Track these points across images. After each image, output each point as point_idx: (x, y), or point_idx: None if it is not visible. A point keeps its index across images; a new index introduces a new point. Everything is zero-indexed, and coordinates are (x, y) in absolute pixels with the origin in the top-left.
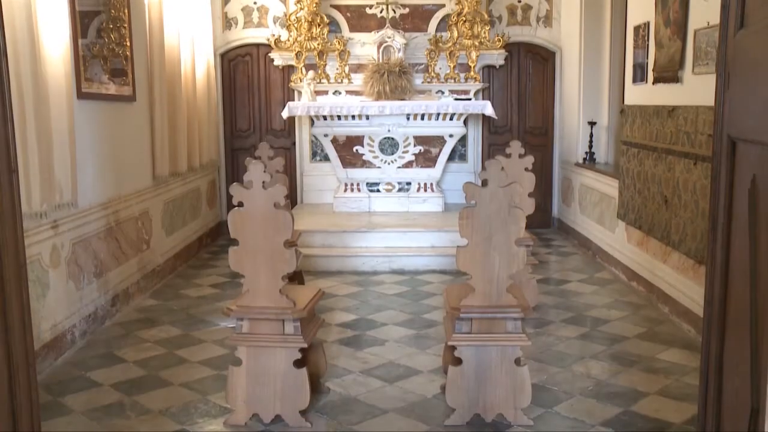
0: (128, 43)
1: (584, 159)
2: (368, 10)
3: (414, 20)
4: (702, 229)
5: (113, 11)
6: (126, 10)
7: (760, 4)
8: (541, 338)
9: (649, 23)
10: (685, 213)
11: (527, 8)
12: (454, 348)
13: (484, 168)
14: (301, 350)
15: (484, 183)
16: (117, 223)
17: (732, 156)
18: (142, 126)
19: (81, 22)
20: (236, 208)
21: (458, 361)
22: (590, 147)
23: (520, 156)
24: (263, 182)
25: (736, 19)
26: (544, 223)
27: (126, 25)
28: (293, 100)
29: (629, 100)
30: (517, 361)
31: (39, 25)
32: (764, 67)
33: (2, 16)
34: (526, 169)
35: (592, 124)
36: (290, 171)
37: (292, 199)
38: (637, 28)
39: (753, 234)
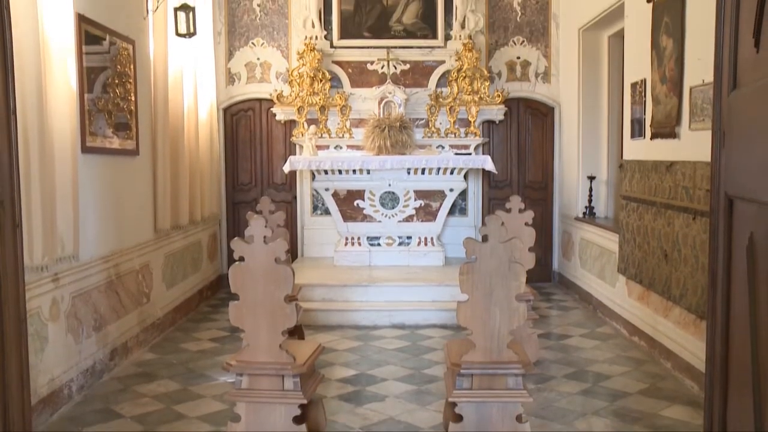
0: (133, 98)
1: (584, 213)
2: (369, 67)
3: (414, 76)
4: (703, 284)
5: (119, 67)
6: (132, 66)
7: (752, 65)
8: (543, 394)
9: (645, 80)
10: (686, 268)
11: (526, 65)
12: (454, 404)
13: (484, 223)
14: (301, 406)
15: (485, 238)
16: (117, 276)
17: (729, 213)
18: (145, 179)
19: (87, 77)
20: (237, 262)
21: (459, 418)
22: (590, 201)
23: (520, 211)
24: (264, 237)
25: (729, 80)
26: (545, 277)
27: (131, 80)
28: (295, 154)
29: (628, 155)
30: (519, 418)
31: (47, 81)
32: (758, 127)
33: (14, 76)
34: (526, 224)
35: (591, 178)
36: (291, 224)
37: (293, 252)
38: (634, 85)
39: (752, 292)
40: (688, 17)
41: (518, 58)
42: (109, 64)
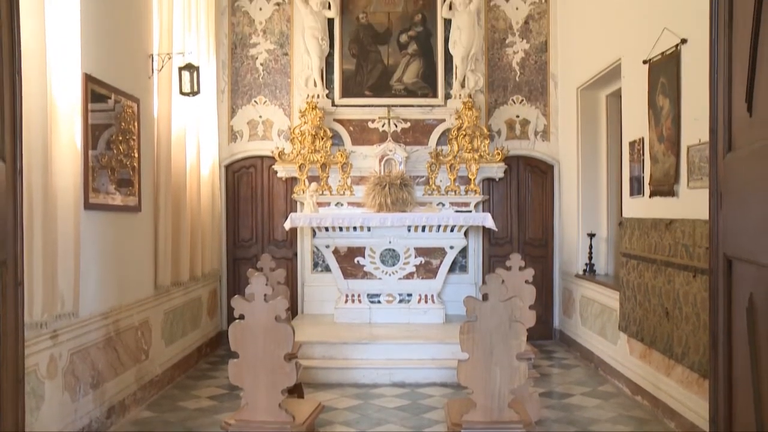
0: (136, 155)
1: (584, 270)
2: (370, 125)
3: (415, 134)
4: (705, 343)
5: (123, 124)
6: (136, 123)
7: (745, 128)
8: None
9: (643, 139)
10: (687, 326)
11: (525, 123)
12: None
13: (484, 281)
14: None
15: (485, 297)
16: (117, 332)
17: (729, 274)
18: (146, 236)
19: (92, 134)
20: (237, 320)
21: None
22: (590, 258)
23: (521, 268)
24: (265, 295)
25: (724, 142)
26: (546, 335)
27: (135, 137)
28: (296, 211)
29: (627, 212)
30: None
31: (53, 139)
32: (754, 190)
33: (22, 137)
34: (527, 282)
35: (591, 235)
36: (292, 281)
37: (293, 309)
38: (632, 143)
39: (753, 353)
40: (683, 78)
41: (518, 116)
42: (113, 121)
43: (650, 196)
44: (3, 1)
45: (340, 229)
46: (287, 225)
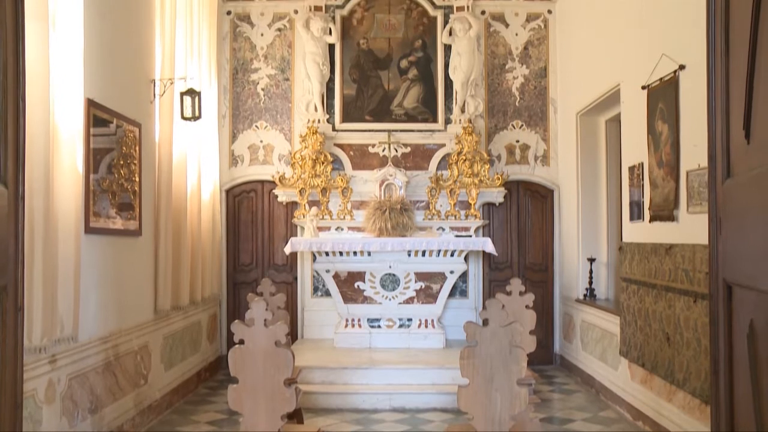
0: (137, 179)
1: (585, 295)
2: (371, 149)
3: (415, 159)
4: (706, 368)
5: (125, 148)
6: (137, 148)
7: (743, 155)
8: None
9: (643, 164)
10: (688, 351)
11: (525, 148)
12: None
13: (485, 306)
14: None
15: (485, 322)
16: (116, 357)
17: (729, 299)
18: (146, 260)
19: (93, 158)
20: (237, 345)
21: None
22: (590, 283)
23: (521, 293)
24: (265, 320)
25: (723, 169)
26: (546, 360)
27: (136, 162)
28: (296, 235)
29: (627, 237)
30: None
31: (55, 164)
32: (753, 216)
33: (24, 164)
34: (527, 307)
35: (591, 260)
36: (292, 306)
37: (293, 333)
38: (631, 168)
39: (754, 379)
40: (681, 104)
41: (517, 141)
42: (115, 145)
43: (650, 221)
44: (9, 29)
45: (341, 253)
46: (287, 249)
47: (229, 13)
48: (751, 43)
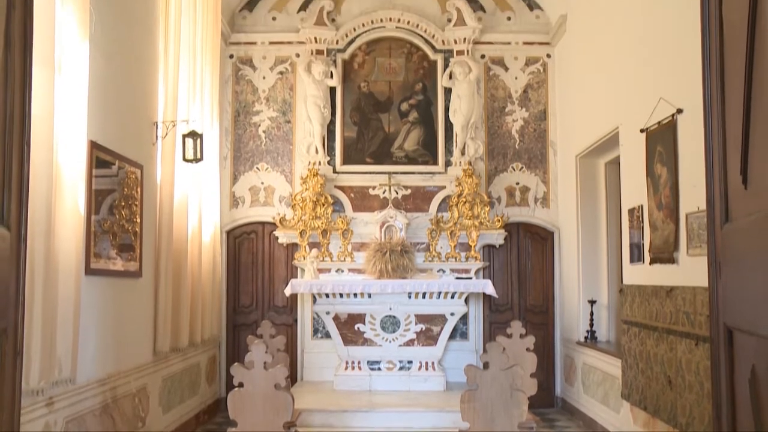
0: (138, 220)
1: (586, 337)
2: (371, 191)
3: (416, 201)
4: (710, 412)
5: (126, 190)
6: (139, 189)
7: (741, 200)
8: None
9: (642, 206)
10: (691, 394)
11: (525, 190)
12: None
13: (485, 350)
14: None
15: (486, 365)
16: (114, 399)
17: (730, 344)
18: (146, 301)
19: (95, 199)
20: (237, 388)
21: None
22: (591, 325)
23: (521, 336)
24: (265, 363)
25: (721, 213)
26: (548, 403)
27: (137, 203)
28: (296, 277)
29: (627, 279)
30: None
31: (57, 205)
32: (752, 261)
33: (27, 206)
34: (528, 350)
35: (592, 302)
36: (292, 347)
37: (293, 376)
38: (631, 211)
39: (758, 426)
40: (680, 147)
41: (517, 183)
42: (116, 187)
43: (650, 263)
44: (18, 77)
45: (341, 295)
46: (288, 291)
47: (231, 56)
48: (746, 90)
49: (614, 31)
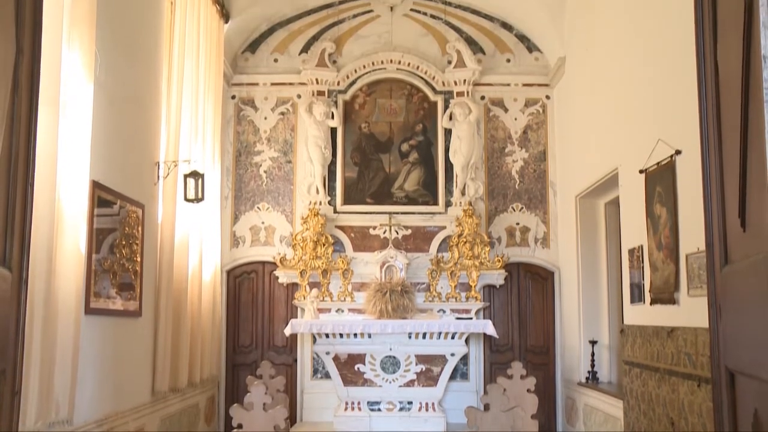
0: (139, 259)
1: (587, 378)
2: (372, 231)
3: (416, 241)
4: None
5: (127, 229)
6: (140, 228)
7: (740, 243)
8: None
9: (642, 246)
10: None
11: (525, 230)
12: None
13: (486, 391)
14: None
15: (486, 407)
16: None
17: (732, 386)
18: (146, 341)
19: (96, 238)
20: (235, 429)
21: None
22: (592, 366)
23: (522, 377)
24: (264, 404)
25: (721, 255)
26: None
27: (138, 242)
28: (296, 317)
29: (628, 319)
30: None
31: (58, 245)
32: (751, 304)
33: (30, 247)
34: (529, 391)
35: (593, 342)
36: (291, 388)
37: (292, 416)
38: (631, 251)
39: None
40: (679, 188)
41: (517, 223)
42: (117, 226)
43: (651, 304)
44: (23, 120)
45: (341, 335)
46: (287, 331)
47: (233, 97)
48: (742, 134)
49: (612, 73)
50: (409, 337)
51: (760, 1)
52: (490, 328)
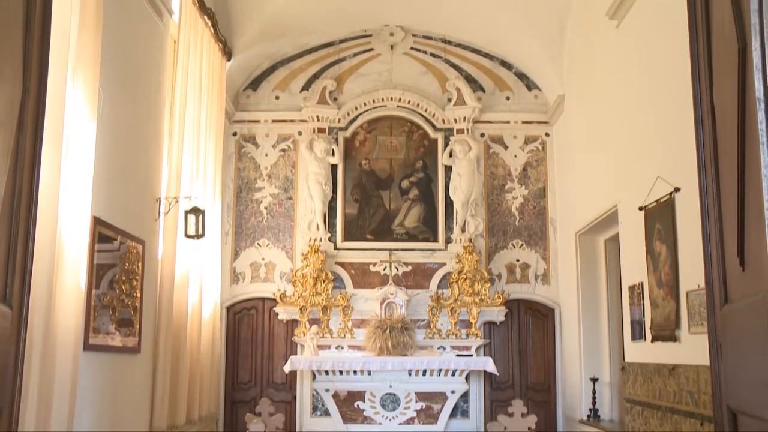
0: (138, 295)
1: (588, 416)
2: (372, 268)
3: (416, 277)
4: None
5: (127, 264)
6: (140, 264)
7: (739, 282)
8: None
9: (642, 283)
10: None
11: (525, 267)
12: None
13: (486, 430)
14: None
15: None
16: None
17: (735, 425)
18: (144, 377)
19: (96, 273)
20: None
21: None
22: (594, 403)
23: (523, 415)
24: None
25: (720, 294)
26: None
27: (138, 278)
28: (296, 353)
29: (629, 357)
30: None
31: (58, 281)
32: (752, 343)
33: (30, 284)
34: (530, 429)
35: (594, 380)
36: (290, 425)
37: None
38: (632, 288)
39: None
40: (678, 225)
41: (518, 260)
42: (117, 261)
43: (652, 341)
44: (27, 158)
45: (341, 372)
46: (287, 368)
47: (235, 134)
48: (739, 173)
49: (611, 110)
50: (409, 374)
51: (753, 45)
52: (490, 366)
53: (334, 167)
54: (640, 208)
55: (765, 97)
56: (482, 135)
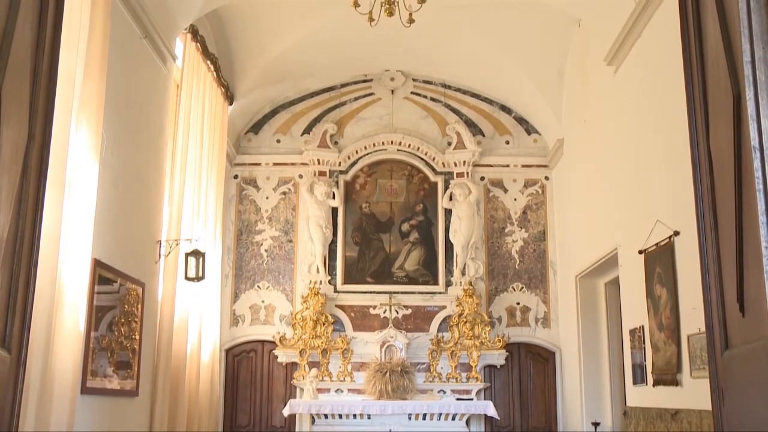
0: (137, 337)
1: None
2: (372, 311)
3: (416, 321)
4: None
5: (127, 306)
6: (139, 306)
7: (739, 328)
8: None
9: (643, 327)
10: None
11: (526, 310)
12: None
13: None
14: None
15: None
16: None
17: None
18: (142, 421)
19: (95, 315)
20: None
21: None
22: None
23: None
24: None
25: (721, 340)
26: None
27: (137, 320)
28: (295, 396)
29: (631, 401)
30: None
31: (57, 323)
32: (754, 390)
33: (30, 328)
34: None
35: (596, 424)
36: None
37: None
38: (632, 331)
39: None
40: (678, 268)
41: (518, 303)
42: (117, 303)
43: (654, 385)
44: (30, 203)
45: (340, 416)
46: (286, 411)
47: (236, 177)
48: (737, 218)
49: (610, 154)
50: (409, 418)
51: (747, 95)
52: (491, 409)
53: (334, 210)
54: (640, 252)
55: (760, 146)
56: (482, 178)
